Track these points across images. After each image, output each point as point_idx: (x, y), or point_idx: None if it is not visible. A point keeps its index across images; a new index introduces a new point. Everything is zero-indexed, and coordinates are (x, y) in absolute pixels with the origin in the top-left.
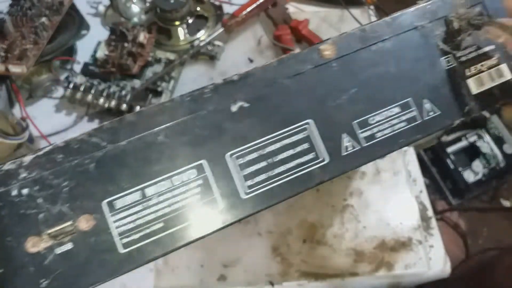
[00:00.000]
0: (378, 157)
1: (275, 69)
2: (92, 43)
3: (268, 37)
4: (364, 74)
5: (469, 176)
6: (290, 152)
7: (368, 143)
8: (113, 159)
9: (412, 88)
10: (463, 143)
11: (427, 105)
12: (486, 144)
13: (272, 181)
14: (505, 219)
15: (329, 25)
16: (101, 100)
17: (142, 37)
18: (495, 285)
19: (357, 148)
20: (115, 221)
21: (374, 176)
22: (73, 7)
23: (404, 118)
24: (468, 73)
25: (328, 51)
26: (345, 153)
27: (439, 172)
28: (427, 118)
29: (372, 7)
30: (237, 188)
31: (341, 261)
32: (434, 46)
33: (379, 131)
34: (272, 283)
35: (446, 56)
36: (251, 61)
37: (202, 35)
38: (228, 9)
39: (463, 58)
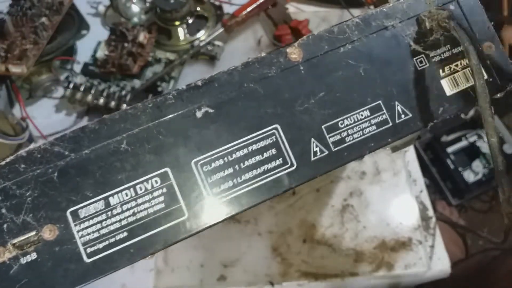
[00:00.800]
0: (348, 161)
1: (241, 73)
2: (92, 43)
3: (268, 37)
4: (332, 77)
5: (469, 176)
6: (257, 158)
7: (338, 148)
8: (76, 168)
9: (382, 91)
10: (463, 143)
11: (398, 108)
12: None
13: (239, 188)
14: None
15: (329, 25)
16: (101, 100)
17: (142, 37)
18: (495, 285)
19: (326, 153)
20: (79, 231)
21: (374, 176)
22: (73, 7)
23: (374, 121)
24: (442, 74)
25: (295, 54)
26: (314, 158)
27: (439, 172)
28: (398, 121)
29: (372, 7)
30: (203, 195)
31: (341, 261)
32: (406, 46)
33: (349, 135)
34: (272, 283)
35: (418, 57)
36: None
37: (202, 35)
38: (228, 9)
39: (437, 58)
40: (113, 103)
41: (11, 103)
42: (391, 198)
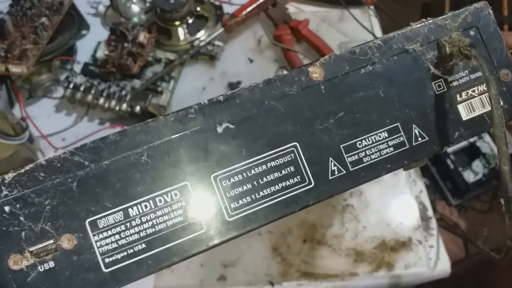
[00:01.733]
0: (364, 182)
1: (262, 90)
2: (92, 43)
3: (268, 37)
4: (352, 97)
5: (469, 176)
6: (276, 175)
7: (355, 168)
8: (95, 178)
9: (401, 113)
10: (463, 143)
11: (416, 131)
12: (486, 144)
13: (256, 203)
14: (505, 219)
15: (329, 25)
16: (101, 100)
17: (142, 37)
18: (494, 285)
19: (343, 173)
20: (97, 241)
21: None
22: (73, 7)
23: (391, 143)
24: (459, 99)
25: (316, 73)
26: (332, 177)
27: (439, 172)
28: (415, 144)
29: (372, 7)
30: (221, 210)
31: (341, 261)
32: (425, 70)
33: (366, 155)
34: (272, 283)
35: (437, 81)
36: (251, 61)
37: (202, 35)
38: (228, 9)
39: (455, 83)
40: (113, 103)
41: (11, 103)
42: (391, 198)
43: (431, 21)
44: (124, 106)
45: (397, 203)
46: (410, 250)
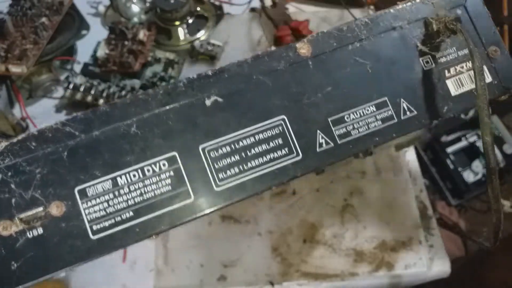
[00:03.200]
0: (352, 154)
1: (250, 65)
2: (92, 43)
3: (268, 37)
4: (339, 73)
5: (469, 176)
6: (264, 147)
7: (343, 140)
8: (85, 148)
9: (388, 88)
10: (463, 143)
11: (404, 105)
12: None
13: (244, 174)
14: (505, 219)
15: (329, 25)
16: (101, 101)
17: (142, 34)
18: (494, 285)
19: (331, 145)
20: (86, 208)
21: (374, 176)
22: (73, 7)
23: (379, 117)
24: (447, 74)
25: (304, 49)
26: (320, 150)
27: (439, 172)
28: (403, 117)
29: (372, 7)
30: (209, 180)
31: (341, 261)
32: (413, 47)
33: (354, 129)
34: (272, 283)
35: (424, 57)
36: None
37: (202, 35)
38: (228, 9)
39: (443, 59)
40: None
41: (11, 103)
42: (391, 198)
43: (418, 0)
44: None
45: (397, 203)
46: (410, 250)
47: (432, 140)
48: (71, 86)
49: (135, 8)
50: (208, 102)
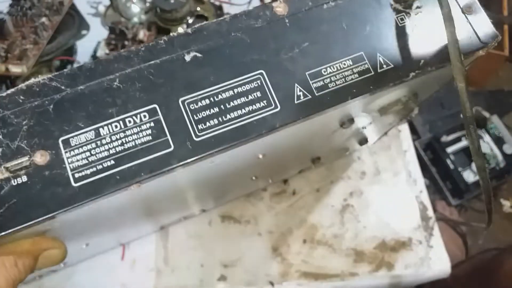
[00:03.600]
0: (330, 106)
1: (229, 23)
2: (92, 43)
3: None
4: (316, 30)
5: (469, 176)
6: (242, 99)
7: (321, 93)
8: (71, 101)
9: (364, 44)
10: (463, 143)
11: (380, 59)
12: (486, 144)
13: (223, 125)
14: (505, 219)
15: None
16: None
17: (142, 34)
18: (495, 285)
19: (309, 97)
20: (69, 157)
21: (374, 176)
22: (73, 7)
23: (356, 70)
24: (422, 30)
25: (280, 8)
26: (298, 102)
27: (439, 172)
28: (380, 70)
29: None
30: (189, 131)
31: (341, 261)
32: (387, 5)
33: (331, 81)
34: (272, 283)
35: (399, 15)
36: None
37: None
38: (228, 9)
39: (417, 16)
40: None
41: None
42: (391, 198)
43: None
44: None
45: (397, 203)
46: (410, 250)
47: (432, 140)
48: None
49: (135, 8)
50: (187, 58)
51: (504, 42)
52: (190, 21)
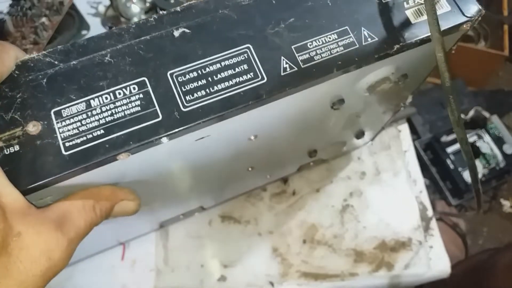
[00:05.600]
0: (316, 77)
1: (217, 1)
2: None
3: None
4: (301, 6)
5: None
6: (230, 72)
7: (306, 65)
8: (63, 75)
9: (349, 19)
10: None
11: (365, 33)
12: (486, 144)
13: (211, 96)
14: (505, 219)
15: None
16: None
17: None
18: (494, 285)
19: (295, 69)
20: (60, 128)
21: (374, 176)
22: (73, 7)
23: (341, 43)
24: (406, 6)
25: None
26: (284, 74)
27: (439, 172)
28: (365, 43)
29: None
30: (177, 102)
31: (341, 261)
32: None
33: (317, 54)
34: (272, 283)
35: None
36: None
37: None
38: None
39: None
40: None
41: None
42: (391, 198)
43: None
44: None
45: (397, 203)
46: (410, 250)
47: (432, 140)
48: None
49: (135, 8)
50: (176, 33)
51: (504, 42)
52: None
